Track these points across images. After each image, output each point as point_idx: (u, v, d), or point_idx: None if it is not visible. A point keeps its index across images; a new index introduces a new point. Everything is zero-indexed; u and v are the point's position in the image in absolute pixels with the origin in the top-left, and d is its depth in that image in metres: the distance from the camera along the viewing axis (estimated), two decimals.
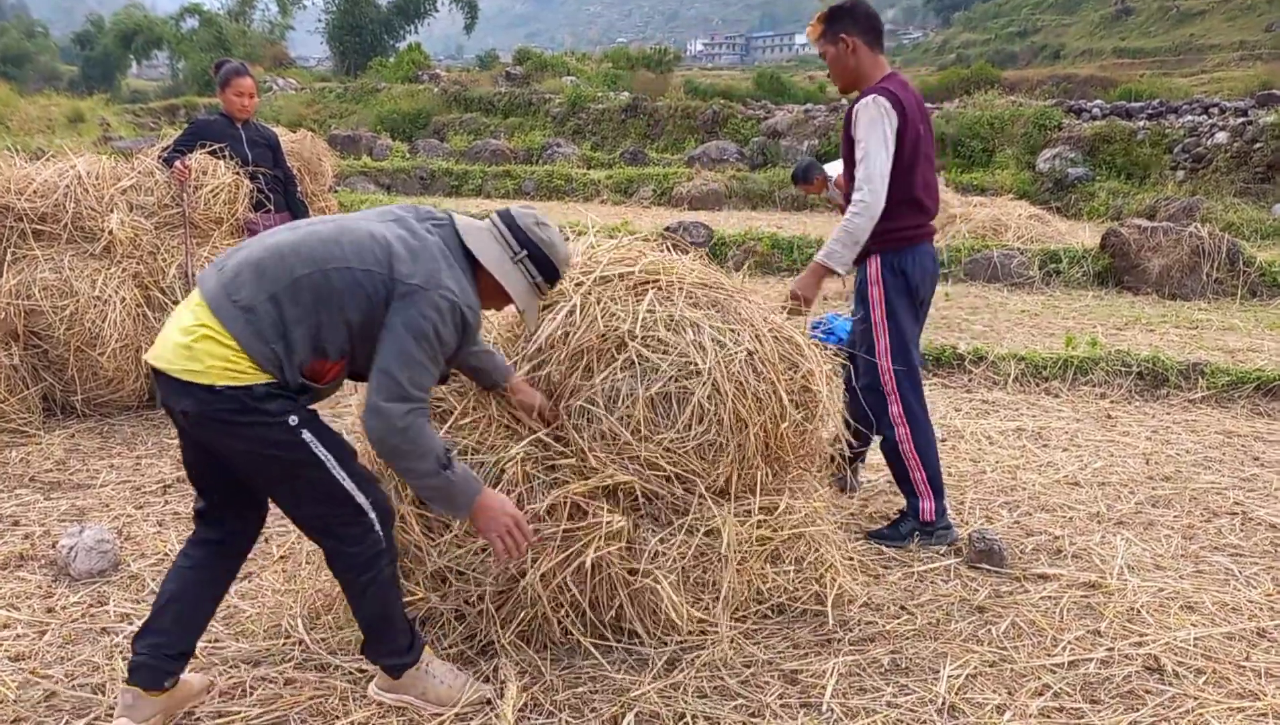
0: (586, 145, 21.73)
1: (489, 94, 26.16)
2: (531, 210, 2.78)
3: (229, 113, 5.91)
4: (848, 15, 3.94)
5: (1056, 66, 50.84)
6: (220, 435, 2.48)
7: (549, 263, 2.75)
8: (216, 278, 2.49)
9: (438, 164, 18.48)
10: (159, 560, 3.77)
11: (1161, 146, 15.90)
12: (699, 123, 22.20)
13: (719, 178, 16.79)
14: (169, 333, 2.48)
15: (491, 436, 3.16)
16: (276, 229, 2.64)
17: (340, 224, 2.60)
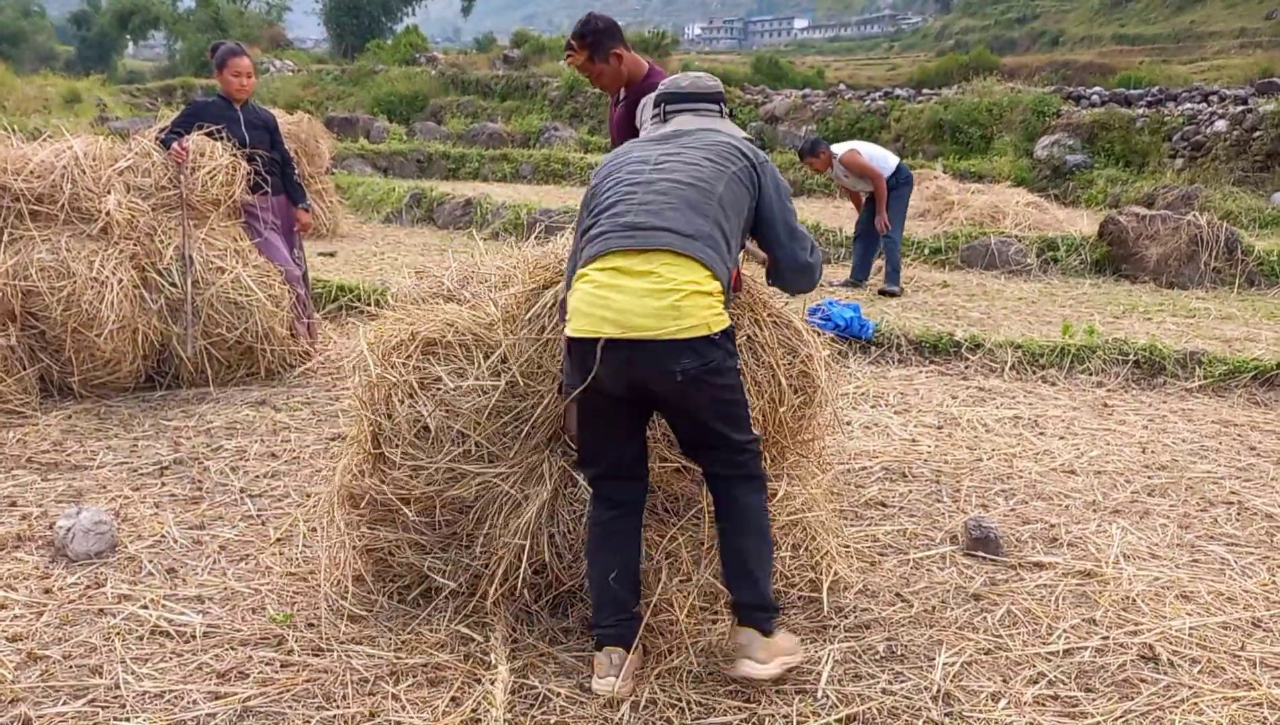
0: (584, 129, 21.67)
1: (486, 77, 26.06)
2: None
3: (226, 94, 5.89)
4: (608, 34, 4.28)
5: (1056, 53, 50.64)
6: (707, 386, 2.65)
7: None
8: (656, 226, 2.70)
9: (435, 147, 18.42)
10: (156, 542, 3.77)
11: (1160, 134, 15.88)
12: None
13: None
14: (631, 304, 2.62)
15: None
16: (636, 170, 2.86)
17: (689, 145, 2.91)
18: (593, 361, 2.64)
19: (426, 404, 3.21)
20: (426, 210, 12.80)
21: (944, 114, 18.14)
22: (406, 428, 3.19)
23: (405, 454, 3.20)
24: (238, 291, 5.64)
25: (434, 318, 3.48)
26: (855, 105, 20.45)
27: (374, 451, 3.28)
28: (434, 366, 3.28)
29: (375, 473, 3.26)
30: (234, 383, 5.81)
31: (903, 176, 8.74)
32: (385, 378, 3.27)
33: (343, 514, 3.36)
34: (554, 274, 3.43)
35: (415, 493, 3.17)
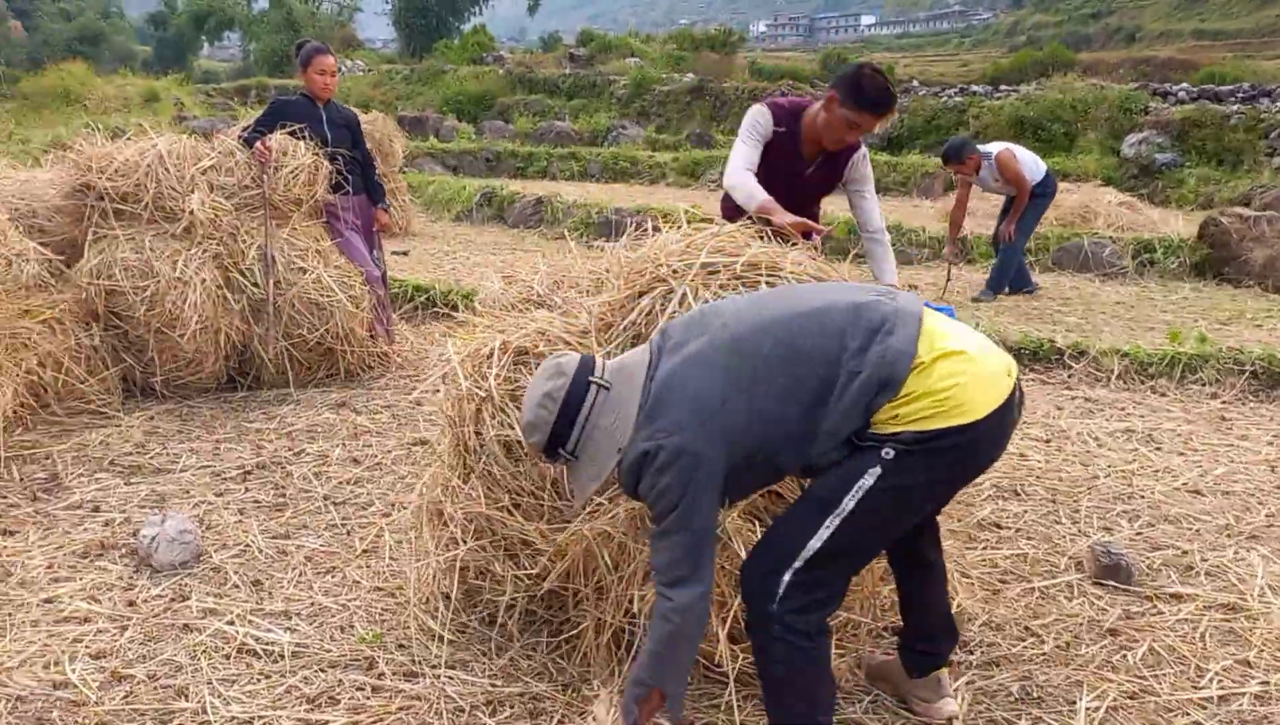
0: (651, 127, 21.47)
1: (553, 76, 25.99)
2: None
3: (311, 92, 5.79)
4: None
5: (1133, 49, 49.44)
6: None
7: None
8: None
9: (503, 145, 18.36)
10: (240, 551, 3.65)
11: (1256, 132, 15.24)
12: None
13: None
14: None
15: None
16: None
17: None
18: (995, 440, 2.29)
19: (519, 419, 3.03)
20: (497, 209, 12.71)
21: (1025, 110, 17.62)
22: (496, 446, 3.01)
23: (495, 473, 3.02)
24: (319, 292, 5.54)
25: (525, 326, 3.31)
26: (931, 102, 19.98)
27: (462, 468, 3.11)
28: (526, 379, 3.11)
29: (463, 490, 3.09)
30: (314, 384, 5.71)
31: (1049, 187, 8.22)
32: (475, 392, 3.09)
33: (430, 531, 3.20)
34: (650, 279, 3.21)
35: (505, 515, 2.99)
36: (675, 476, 2.17)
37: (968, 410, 2.15)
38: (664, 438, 2.18)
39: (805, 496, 2.34)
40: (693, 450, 2.17)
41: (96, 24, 54.98)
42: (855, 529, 2.22)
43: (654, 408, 2.25)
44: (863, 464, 2.19)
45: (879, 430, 2.19)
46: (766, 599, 2.26)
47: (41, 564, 3.50)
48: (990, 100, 19.22)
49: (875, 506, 2.19)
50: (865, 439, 2.20)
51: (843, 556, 2.28)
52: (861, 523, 2.21)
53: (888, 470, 2.17)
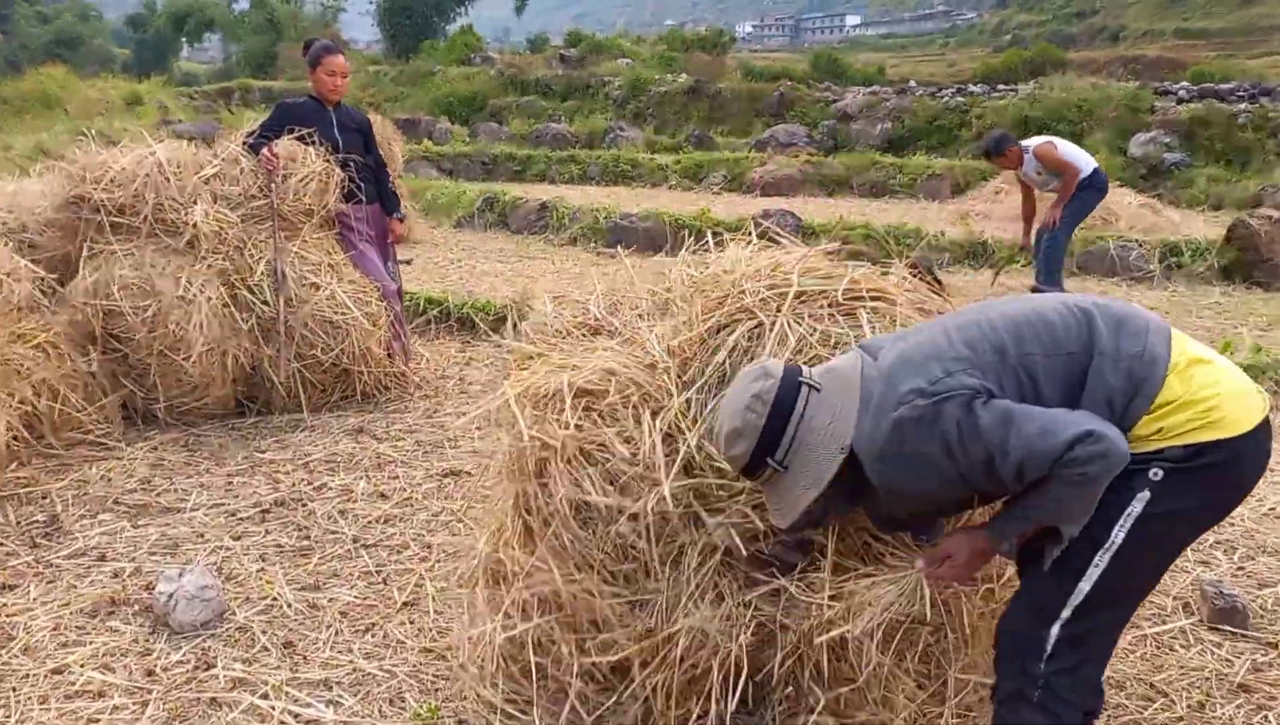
0: (649, 129, 21.11)
1: (546, 76, 25.60)
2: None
3: (319, 94, 5.43)
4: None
5: (1118, 48, 49.46)
6: None
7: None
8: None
9: (499, 148, 17.97)
10: (267, 607, 3.29)
11: (1265, 131, 15.02)
12: (765, 105, 21.50)
13: (792, 162, 16.12)
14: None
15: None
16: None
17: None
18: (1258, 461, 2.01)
19: (593, 479, 2.67)
20: (499, 214, 12.34)
21: (1031, 110, 17.35)
22: (566, 507, 2.66)
23: (564, 540, 2.67)
24: (333, 309, 5.18)
25: (588, 362, 2.96)
26: (930, 102, 19.72)
27: (523, 529, 2.76)
28: (599, 428, 2.75)
29: (521, 553, 2.73)
30: (328, 408, 5.34)
31: (1098, 181, 7.79)
32: (541, 442, 2.73)
33: (486, 592, 2.84)
34: (733, 309, 2.86)
35: (582, 591, 2.64)
36: (951, 414, 1.94)
37: (1230, 424, 1.90)
38: (915, 398, 1.96)
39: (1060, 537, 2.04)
40: (960, 386, 1.95)
41: (75, 27, 54.17)
42: (1126, 567, 1.96)
43: (888, 389, 2.01)
44: (1128, 490, 1.93)
45: (1140, 448, 1.91)
46: (1032, 657, 1.99)
47: (47, 625, 3.14)
48: (991, 100, 18.95)
49: (1147, 537, 1.95)
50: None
51: (1114, 603, 2.01)
52: (1133, 558, 1.96)
53: (1157, 494, 1.92)
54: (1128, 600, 2.04)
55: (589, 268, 9.79)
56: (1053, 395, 1.96)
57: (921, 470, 1.99)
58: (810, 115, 20.53)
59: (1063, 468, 1.87)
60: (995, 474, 1.94)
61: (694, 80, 23.24)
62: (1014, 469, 1.90)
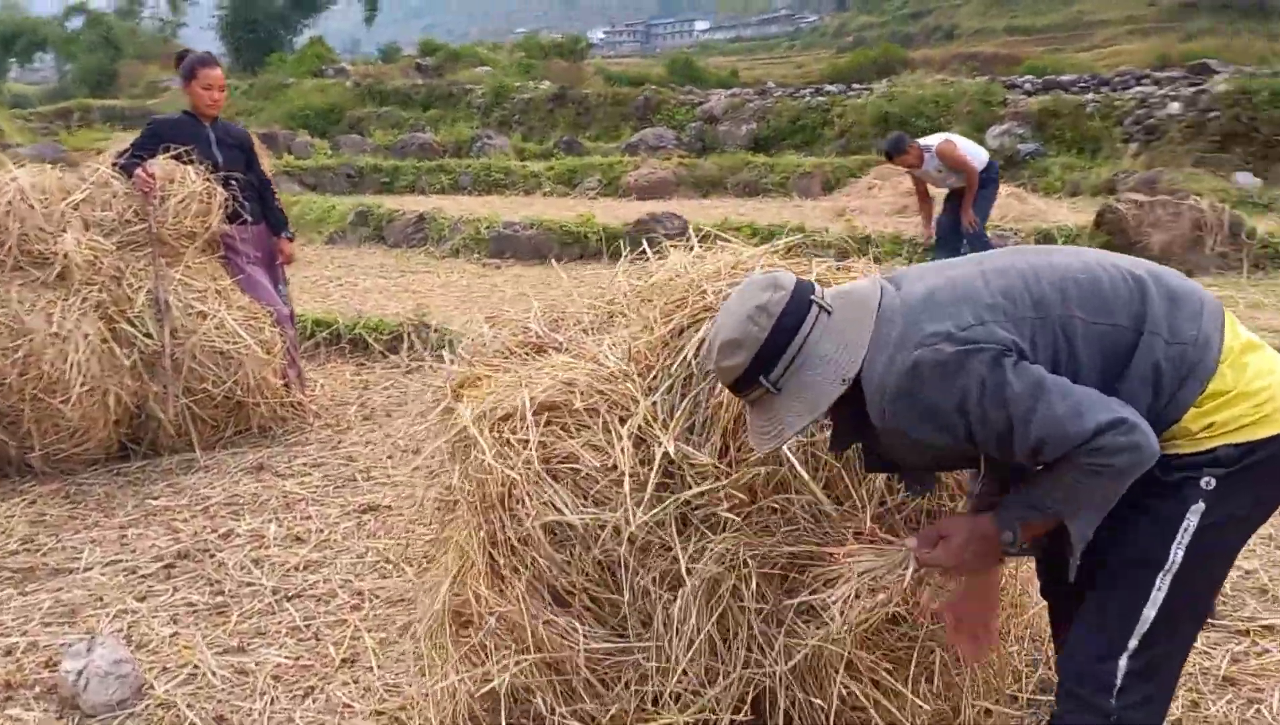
0: (517, 136, 20.83)
1: (405, 86, 25.05)
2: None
3: (196, 109, 5.05)
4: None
5: (954, 46, 51.38)
6: None
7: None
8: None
9: (365, 160, 17.40)
10: (189, 677, 2.97)
11: (1112, 119, 15.72)
12: (631, 110, 21.48)
13: (666, 165, 16.10)
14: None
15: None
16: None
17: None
18: None
19: (564, 496, 2.47)
20: (375, 228, 11.91)
21: (889, 107, 17.76)
22: (542, 534, 2.44)
23: (540, 568, 2.45)
24: (223, 338, 4.80)
25: (544, 376, 2.75)
26: (792, 102, 20.02)
27: (489, 564, 2.52)
28: (565, 440, 2.55)
29: (494, 589, 2.50)
30: (222, 445, 4.96)
31: (994, 173, 8.00)
32: (503, 465, 2.50)
33: (453, 640, 2.60)
34: (698, 310, 2.69)
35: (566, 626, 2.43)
36: (976, 369, 1.75)
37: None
38: (940, 342, 1.77)
39: (1110, 565, 1.89)
40: (992, 338, 1.76)
41: None
42: (1189, 585, 1.82)
43: (909, 326, 1.83)
44: (1180, 502, 1.79)
45: (1186, 448, 1.78)
46: (1101, 692, 1.83)
47: None
48: (850, 99, 19.34)
49: (1208, 550, 1.81)
50: (1172, 467, 1.79)
51: (1180, 627, 1.87)
52: (1195, 575, 1.82)
53: (1212, 503, 1.78)
54: (1194, 619, 1.92)
55: (476, 280, 9.51)
56: (1090, 365, 1.79)
57: (930, 420, 1.81)
58: (677, 118, 20.60)
59: (1085, 455, 1.70)
60: (1008, 444, 1.77)
61: (558, 87, 23.07)
62: (1032, 444, 1.74)
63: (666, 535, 2.42)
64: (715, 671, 2.32)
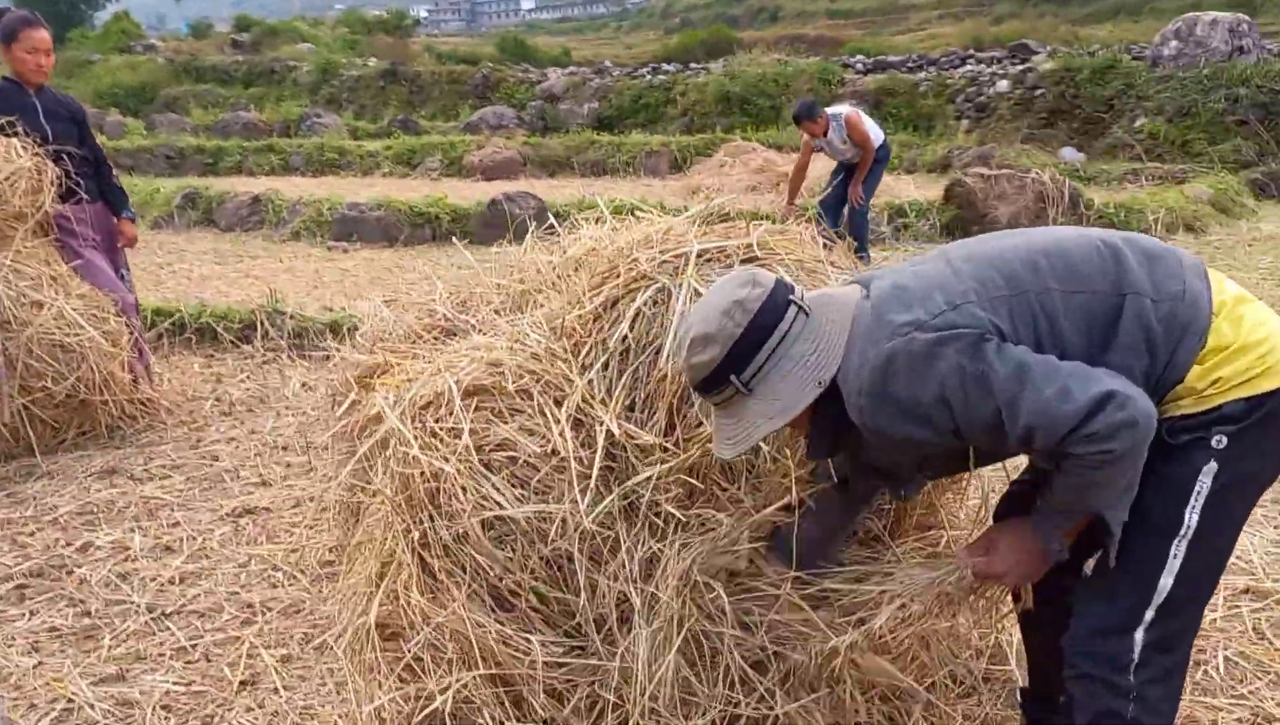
0: (348, 115, 20.03)
1: (224, 63, 23.78)
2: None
3: (19, 76, 4.52)
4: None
5: (778, 28, 52.55)
6: None
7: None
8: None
9: (186, 140, 16.36)
10: (64, 713, 2.61)
11: (944, 97, 16.27)
12: (469, 88, 20.96)
13: (511, 144, 15.74)
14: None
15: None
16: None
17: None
18: None
19: (502, 489, 2.25)
20: (204, 211, 11.16)
21: (731, 86, 17.90)
22: (479, 530, 2.22)
23: (480, 566, 2.23)
24: (63, 330, 4.31)
25: (463, 359, 2.52)
26: (632, 81, 19.95)
27: (419, 569, 2.28)
28: (497, 426, 2.33)
29: (428, 595, 2.26)
30: (65, 448, 4.47)
31: (887, 152, 8.22)
32: (431, 457, 2.26)
33: (382, 657, 2.34)
34: (632, 278, 2.50)
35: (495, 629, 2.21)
36: (953, 357, 1.68)
37: None
38: (912, 331, 1.70)
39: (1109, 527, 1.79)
40: (968, 322, 1.69)
41: None
42: (1205, 549, 1.76)
43: (877, 321, 1.76)
44: (1189, 464, 1.72)
45: (1196, 406, 1.71)
46: (1119, 670, 1.75)
47: None
48: (692, 78, 19.41)
49: (1221, 511, 1.74)
50: (1179, 429, 1.73)
51: (1197, 592, 1.80)
52: (1211, 539, 1.76)
53: (1224, 462, 1.71)
54: (1209, 585, 1.85)
55: (324, 264, 9.02)
56: (1075, 339, 1.72)
57: (910, 416, 1.72)
58: (516, 96, 20.24)
59: (1082, 445, 1.61)
60: (997, 434, 1.69)
61: (389, 63, 22.30)
62: (1020, 433, 1.65)
63: (615, 528, 2.24)
64: (691, 705, 2.14)
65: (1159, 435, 1.70)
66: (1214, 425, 1.71)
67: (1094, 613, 1.82)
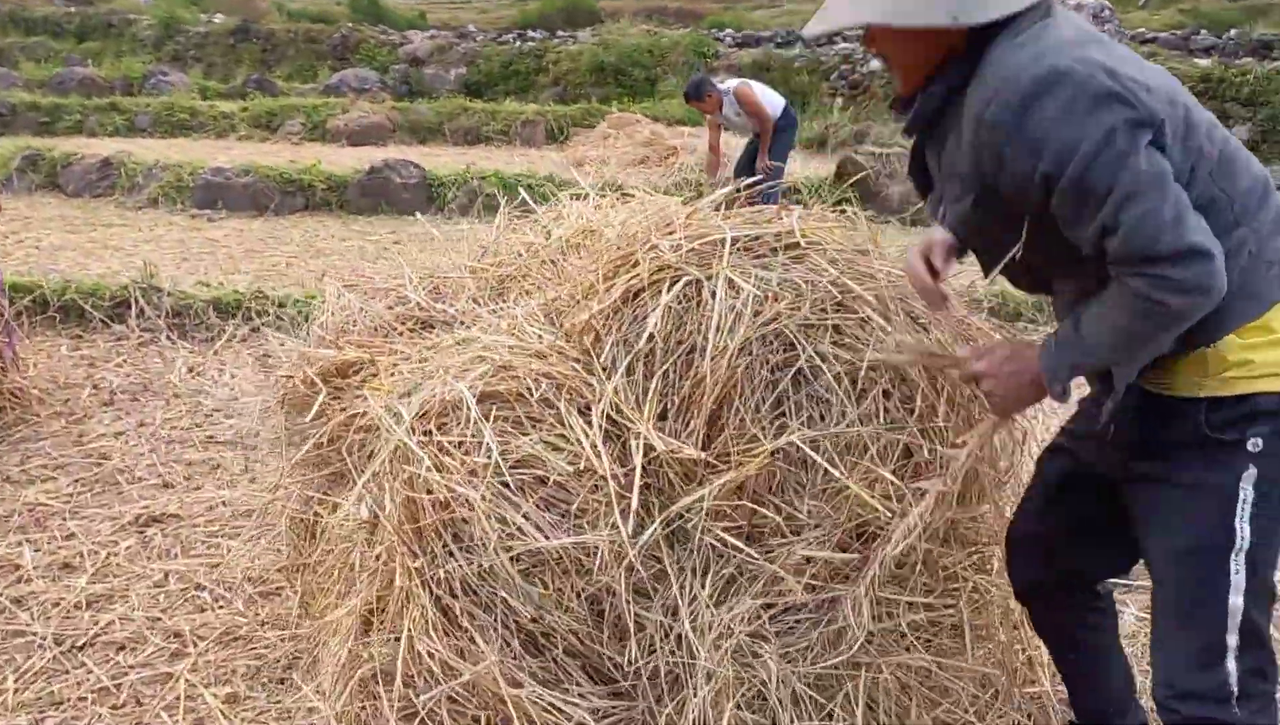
0: (197, 73, 18.78)
1: (55, 14, 21.99)
2: None
3: None
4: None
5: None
6: None
7: None
8: None
9: (19, 96, 15.00)
10: None
11: (819, 74, 16.33)
12: (327, 48, 19.96)
13: (379, 109, 15.00)
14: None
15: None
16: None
17: None
18: None
19: (531, 518, 1.95)
20: (48, 175, 10.20)
21: (604, 55, 17.55)
22: (510, 569, 1.91)
23: (505, 609, 1.92)
24: None
25: (453, 358, 2.20)
26: (501, 47, 19.38)
27: (432, 612, 1.95)
28: (519, 440, 2.02)
29: (447, 640, 1.94)
30: None
31: (790, 118, 8.14)
32: (449, 481, 1.94)
33: (372, 702, 2.01)
34: (655, 267, 2.21)
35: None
36: (1113, 119, 1.49)
37: None
38: (1098, 71, 1.51)
39: (1166, 556, 1.67)
40: (1142, 102, 1.51)
41: None
42: (1265, 559, 1.63)
43: (1073, 42, 1.57)
44: (1229, 472, 1.60)
45: (1222, 389, 1.59)
46: (1220, 705, 1.61)
47: None
48: (565, 46, 18.98)
49: (1269, 515, 1.61)
50: (1205, 424, 1.61)
51: (1265, 598, 1.66)
52: (1268, 546, 1.63)
53: (1263, 467, 1.59)
54: (1273, 594, 1.70)
55: (190, 235, 8.34)
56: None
57: (1026, 146, 1.53)
58: (378, 59, 19.38)
59: (1149, 281, 1.49)
60: (1081, 216, 1.54)
61: (240, 20, 21.04)
62: (1109, 224, 1.51)
63: (661, 558, 1.98)
64: None
65: (1185, 426, 1.63)
66: (1248, 425, 1.59)
67: (1173, 649, 1.68)
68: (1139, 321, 1.53)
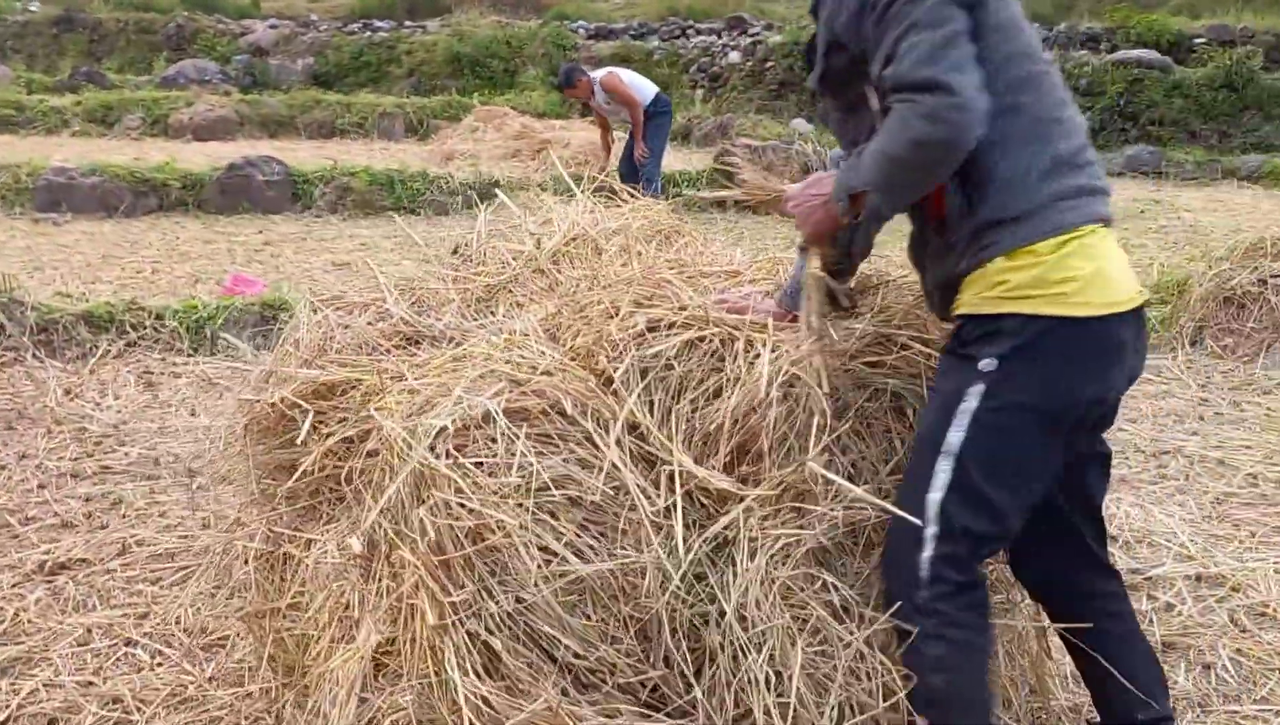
0: (18, 65, 17.44)
1: None
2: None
3: None
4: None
5: None
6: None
7: None
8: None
9: None
10: None
11: (678, 66, 16.35)
12: (161, 39, 18.85)
13: (225, 102, 14.23)
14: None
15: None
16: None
17: None
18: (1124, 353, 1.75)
19: (571, 539, 1.77)
20: None
21: (460, 46, 17.14)
22: (552, 603, 1.72)
23: (553, 644, 1.74)
24: None
25: (458, 377, 1.99)
26: (350, 37, 18.71)
27: (476, 645, 1.75)
28: (548, 460, 1.83)
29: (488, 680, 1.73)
30: None
31: (663, 105, 8.16)
32: (484, 508, 1.73)
33: None
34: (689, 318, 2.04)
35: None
36: None
37: (1083, 304, 1.68)
38: None
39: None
40: None
41: None
42: (979, 474, 1.69)
43: None
44: (960, 380, 1.71)
45: (971, 305, 1.72)
46: (909, 585, 1.72)
47: None
48: (420, 36, 18.45)
49: (999, 438, 1.70)
50: (960, 334, 1.75)
51: (986, 496, 1.71)
52: (985, 465, 1.69)
53: (992, 386, 1.68)
54: (995, 503, 1.73)
55: (36, 240, 7.71)
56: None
57: None
58: (218, 49, 18.43)
59: (902, 101, 1.63)
60: (878, 48, 1.68)
61: (62, 8, 19.66)
62: (890, 52, 1.65)
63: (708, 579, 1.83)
64: None
65: (954, 337, 1.77)
66: (986, 344, 1.69)
67: (887, 542, 1.81)
68: (896, 146, 1.64)
